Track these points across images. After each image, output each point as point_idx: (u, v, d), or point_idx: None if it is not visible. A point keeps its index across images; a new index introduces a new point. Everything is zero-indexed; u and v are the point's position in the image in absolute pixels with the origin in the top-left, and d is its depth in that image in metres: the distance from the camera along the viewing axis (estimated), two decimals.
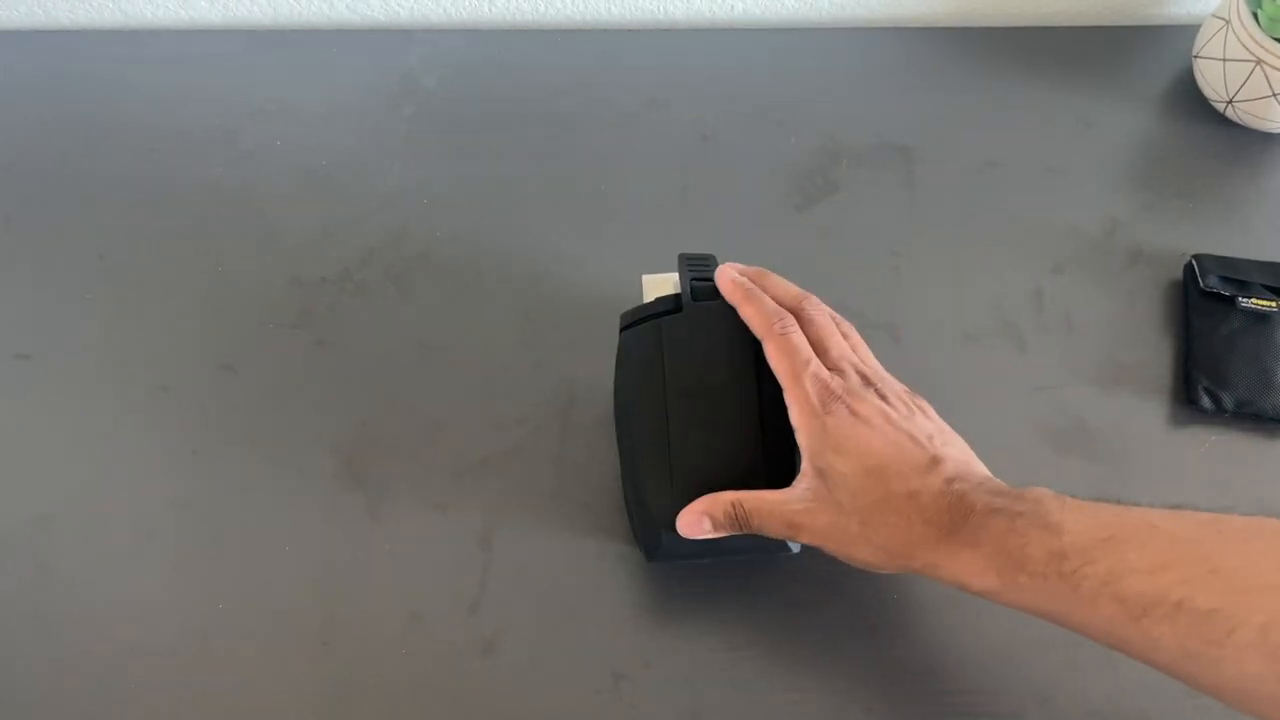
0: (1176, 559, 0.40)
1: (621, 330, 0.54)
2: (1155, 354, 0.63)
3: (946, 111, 0.72)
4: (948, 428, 0.50)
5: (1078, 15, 0.78)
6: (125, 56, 0.75)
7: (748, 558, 0.55)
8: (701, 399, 0.51)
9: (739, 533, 0.49)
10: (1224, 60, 0.67)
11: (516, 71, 0.74)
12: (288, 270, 0.66)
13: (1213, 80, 0.69)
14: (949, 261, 0.66)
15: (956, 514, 0.44)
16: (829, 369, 0.49)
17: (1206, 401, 0.60)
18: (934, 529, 0.45)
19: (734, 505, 0.48)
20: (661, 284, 0.56)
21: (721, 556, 0.53)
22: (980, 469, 0.48)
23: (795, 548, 0.52)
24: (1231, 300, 0.62)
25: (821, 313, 0.52)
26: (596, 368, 0.58)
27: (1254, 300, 0.62)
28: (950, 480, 0.45)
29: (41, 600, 0.56)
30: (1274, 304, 0.62)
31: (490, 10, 0.77)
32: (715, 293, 0.53)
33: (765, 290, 0.52)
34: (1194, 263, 0.63)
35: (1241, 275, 0.63)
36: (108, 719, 0.53)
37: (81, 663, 0.54)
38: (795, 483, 0.48)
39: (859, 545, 0.46)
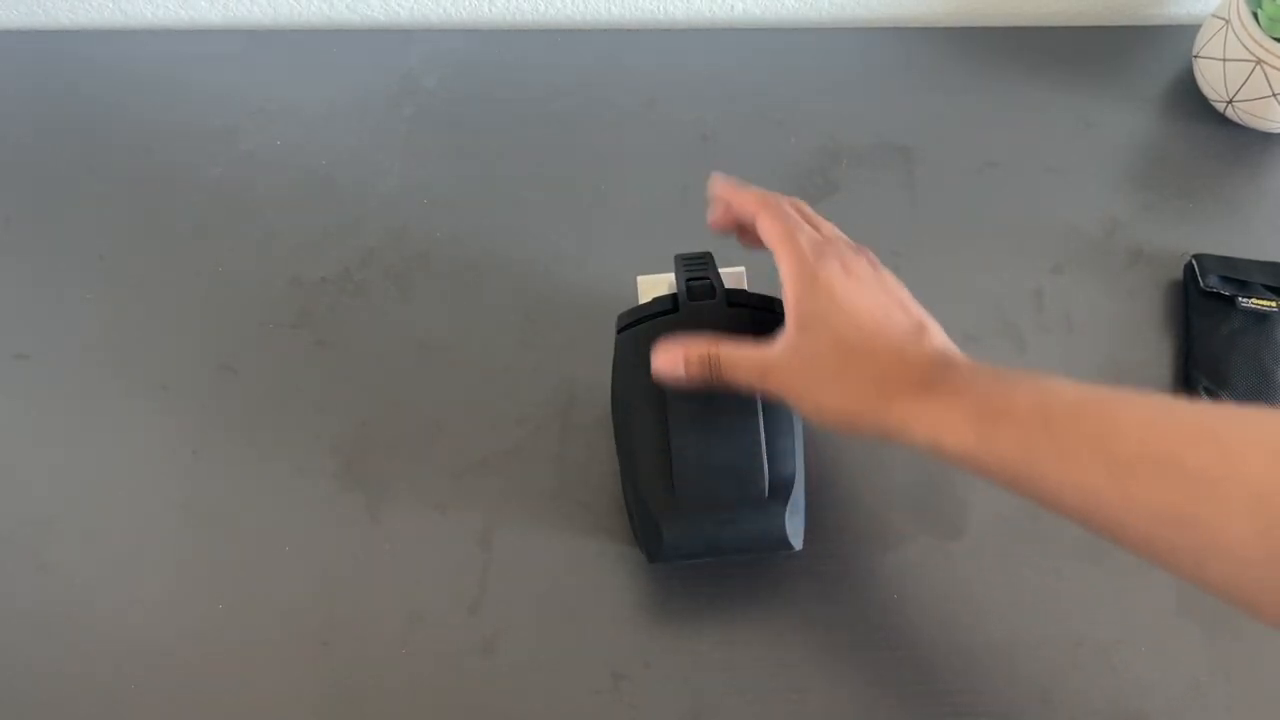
0: (1171, 422, 0.38)
1: (618, 332, 0.54)
2: (1155, 354, 0.63)
3: (946, 111, 0.72)
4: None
5: (1078, 15, 0.78)
6: (125, 56, 0.75)
7: (749, 558, 0.55)
8: (700, 399, 0.51)
9: (709, 379, 0.47)
10: (1224, 60, 0.67)
11: (516, 71, 0.74)
12: (288, 270, 0.66)
13: (1213, 80, 0.69)
14: (949, 261, 0.66)
15: (940, 371, 0.43)
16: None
17: (1206, 401, 0.60)
18: (914, 381, 0.43)
19: (709, 355, 0.47)
20: (656, 285, 0.56)
21: (723, 556, 0.53)
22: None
23: (797, 545, 0.52)
24: (1232, 300, 0.62)
25: (804, 208, 0.51)
26: (596, 368, 0.58)
27: (1254, 300, 0.62)
28: (935, 346, 0.45)
29: (41, 600, 0.56)
30: (1274, 304, 0.62)
31: (490, 10, 0.77)
32: (712, 292, 0.53)
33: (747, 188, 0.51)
34: (1194, 263, 0.63)
35: (1242, 275, 0.63)
36: (108, 719, 0.53)
37: (82, 663, 0.54)
38: (775, 336, 0.47)
39: (830, 390, 0.45)
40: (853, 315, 0.45)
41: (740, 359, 0.47)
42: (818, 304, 0.45)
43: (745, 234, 0.51)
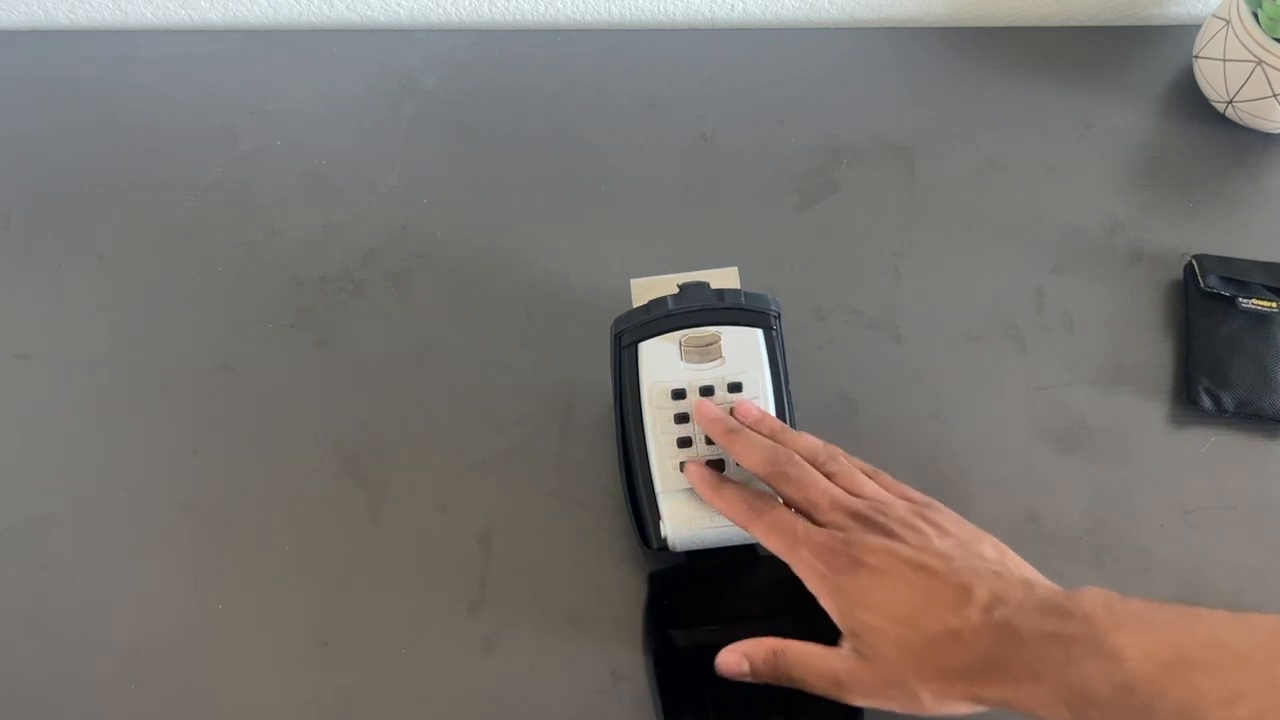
0: (1251, 688, 0.38)
1: (618, 342, 0.53)
2: (1155, 354, 0.63)
3: (946, 111, 0.72)
4: (968, 529, 0.47)
5: (1078, 15, 0.78)
6: (125, 56, 0.75)
7: (748, 555, 0.55)
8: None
9: (775, 681, 0.47)
10: (1224, 60, 0.67)
11: (516, 71, 0.74)
12: (288, 270, 0.66)
13: (1213, 80, 0.69)
14: (949, 261, 0.66)
15: (1005, 648, 0.42)
16: (822, 522, 0.47)
17: (1206, 401, 0.60)
18: (988, 665, 0.42)
19: (775, 653, 0.47)
20: (650, 288, 0.56)
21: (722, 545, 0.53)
22: (1015, 572, 0.45)
23: None
24: (1232, 300, 0.62)
25: (797, 465, 0.48)
26: (596, 368, 0.58)
27: (1254, 300, 0.62)
28: (986, 610, 0.43)
29: (41, 600, 0.56)
30: (1274, 304, 0.62)
31: (490, 10, 0.77)
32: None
33: (741, 447, 0.49)
34: (1194, 263, 0.63)
35: (1242, 275, 0.63)
36: (108, 719, 0.53)
37: (81, 663, 0.54)
38: (840, 642, 0.46)
39: (917, 693, 0.44)
40: (891, 610, 0.44)
41: (809, 665, 0.46)
42: (857, 613, 0.44)
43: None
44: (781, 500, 0.49)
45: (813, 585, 0.46)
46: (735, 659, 0.47)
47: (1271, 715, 0.38)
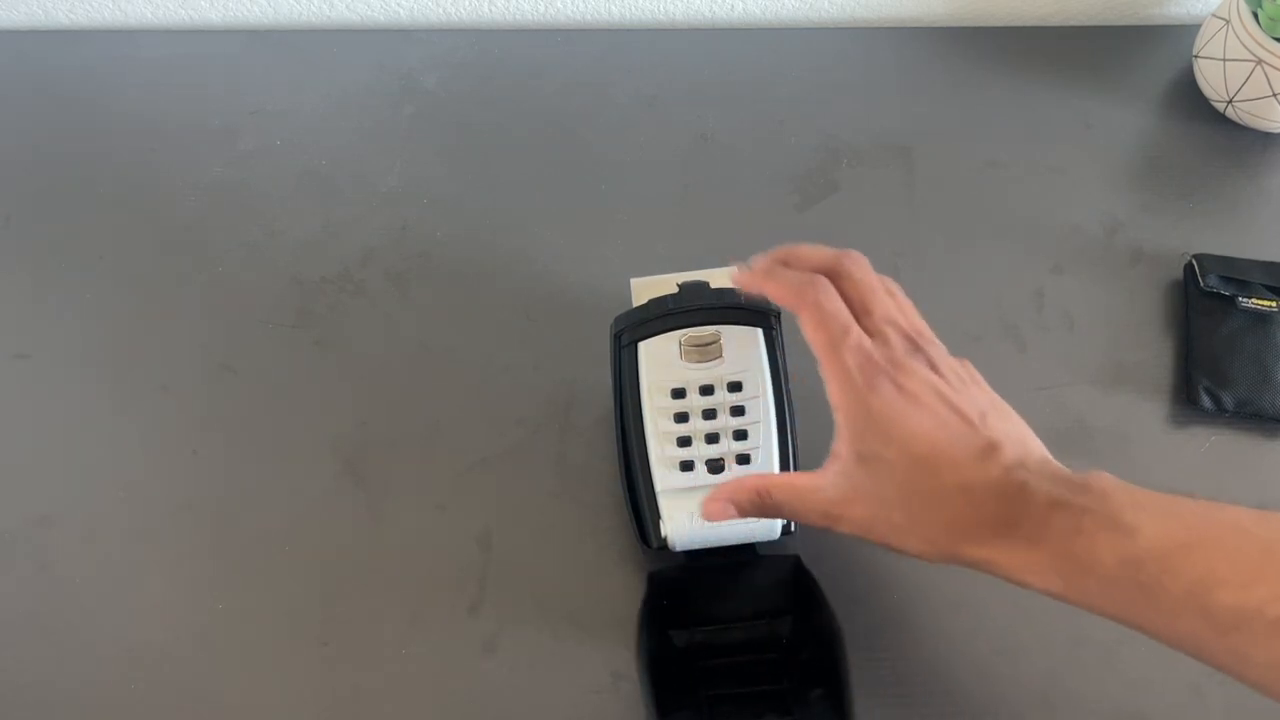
0: (1273, 573, 0.36)
1: (618, 341, 0.53)
2: (1155, 354, 0.63)
3: (946, 111, 0.72)
4: (1000, 400, 0.46)
5: (1078, 15, 0.78)
6: (125, 56, 0.75)
7: (747, 555, 0.55)
8: None
9: (765, 514, 0.47)
10: (1224, 60, 0.67)
11: (516, 71, 0.74)
12: (288, 270, 0.66)
13: (1213, 80, 0.69)
14: (949, 261, 0.66)
15: (1014, 507, 0.40)
16: (871, 333, 0.44)
17: (1207, 401, 0.60)
18: (988, 524, 0.41)
19: (760, 493, 0.45)
20: (650, 287, 0.56)
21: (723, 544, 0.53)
22: (1038, 448, 0.44)
23: (792, 527, 0.52)
24: (1232, 300, 0.62)
25: (861, 266, 0.46)
26: (596, 368, 0.58)
27: (1254, 300, 0.62)
28: (1008, 469, 0.41)
29: (41, 600, 0.56)
30: (1274, 304, 0.62)
31: (490, 10, 0.77)
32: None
33: (797, 260, 0.47)
34: (1194, 262, 0.63)
35: (1242, 275, 0.63)
36: (108, 719, 0.53)
37: (82, 663, 0.54)
38: (828, 464, 0.44)
39: (904, 537, 0.43)
40: (911, 446, 0.42)
41: (799, 499, 0.45)
42: (874, 438, 0.42)
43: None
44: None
45: (837, 394, 0.43)
46: (720, 507, 0.46)
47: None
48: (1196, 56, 0.71)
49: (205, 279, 0.65)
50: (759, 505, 0.46)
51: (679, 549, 0.52)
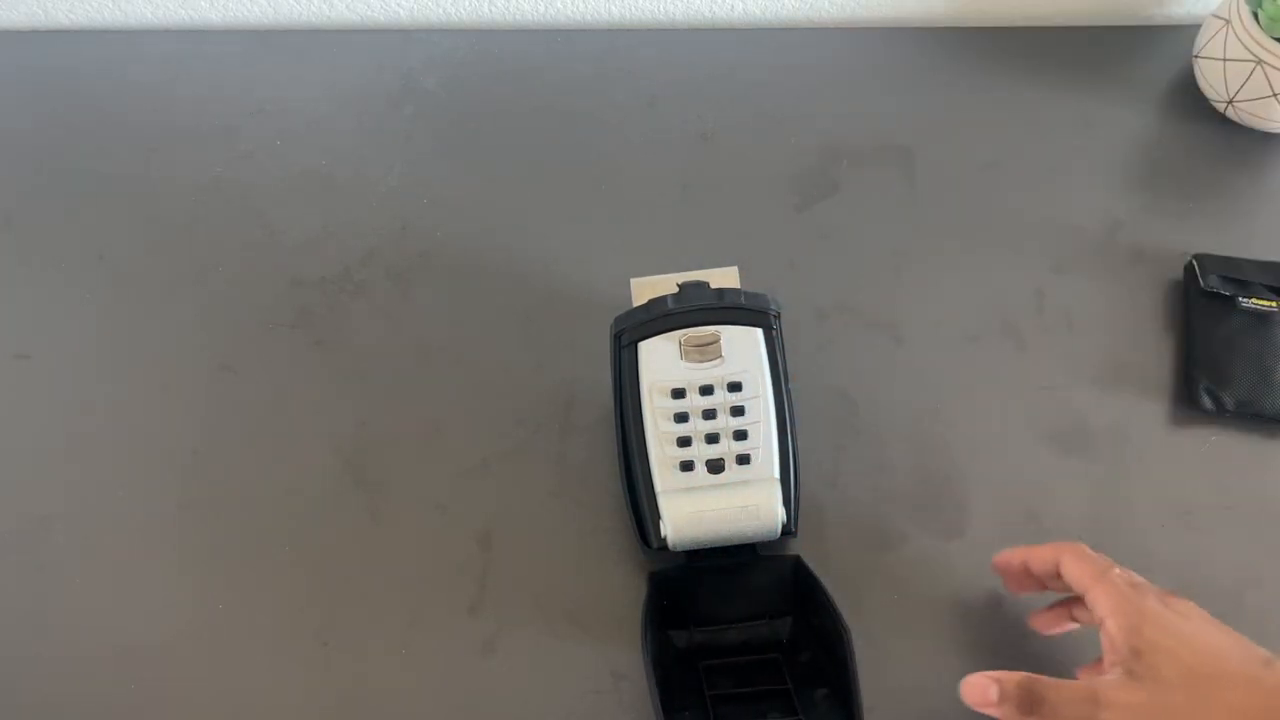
0: None
1: (618, 341, 0.53)
2: (1155, 354, 0.63)
3: (946, 111, 0.72)
4: None
5: (1078, 15, 0.78)
6: (125, 56, 0.75)
7: (747, 555, 0.55)
8: None
9: (1026, 716, 0.44)
10: (1224, 60, 0.67)
11: (516, 71, 0.74)
12: (288, 270, 0.66)
13: (1213, 80, 0.69)
14: (949, 261, 0.66)
15: None
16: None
17: (1207, 401, 0.60)
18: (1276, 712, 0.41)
19: (1025, 685, 0.44)
20: (650, 287, 0.56)
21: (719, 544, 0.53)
22: None
23: (794, 527, 0.52)
24: (1232, 300, 0.62)
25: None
26: (596, 368, 0.58)
27: (1254, 300, 0.62)
28: None
29: (41, 600, 0.56)
30: (1274, 304, 0.62)
31: (490, 10, 0.77)
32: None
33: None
34: (1194, 263, 0.63)
35: (1242, 275, 0.63)
36: (108, 719, 0.53)
37: (81, 663, 0.54)
38: (1102, 668, 0.44)
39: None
40: (1193, 642, 0.43)
41: (1067, 691, 0.43)
42: (1152, 633, 0.43)
43: (1024, 581, 0.49)
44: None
45: (1109, 604, 0.45)
46: (982, 685, 0.45)
47: None
48: (1196, 56, 0.71)
49: (205, 279, 0.65)
50: (1026, 695, 0.44)
51: (678, 549, 0.52)
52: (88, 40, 0.77)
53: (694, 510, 0.51)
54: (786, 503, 0.52)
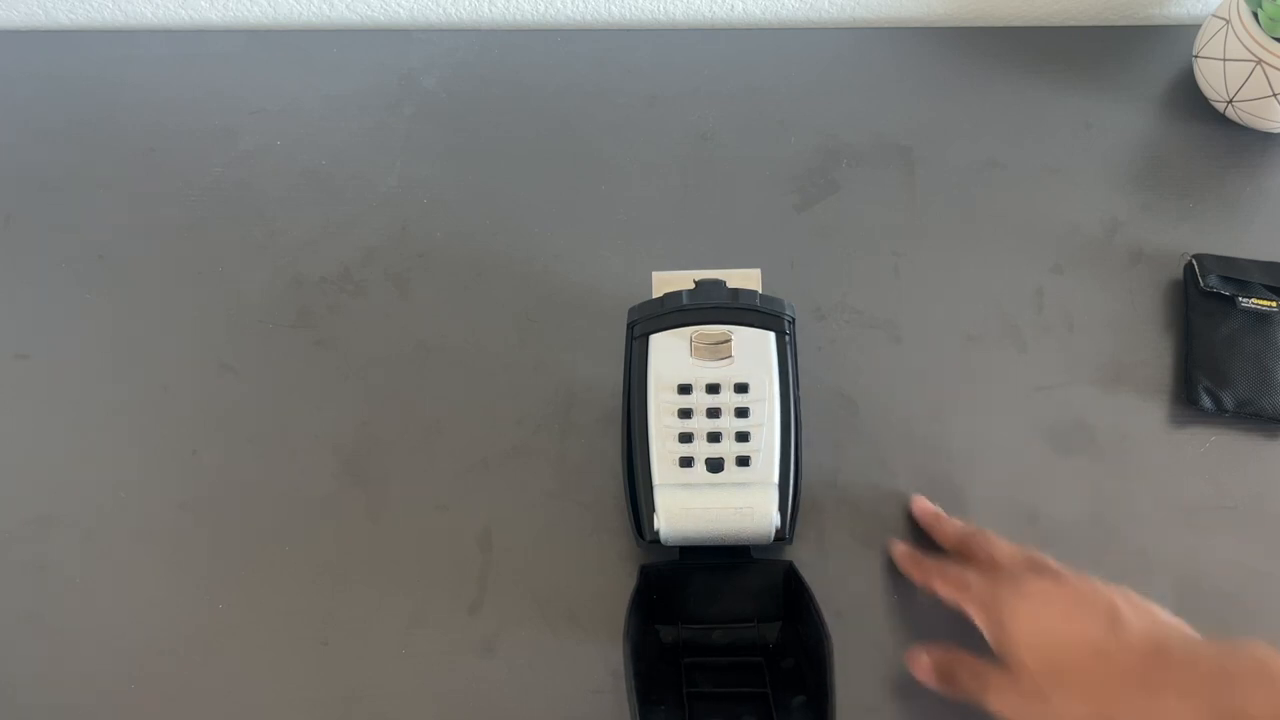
0: None
1: (631, 332, 0.53)
2: (1155, 354, 0.63)
3: (946, 111, 0.72)
4: (1128, 589, 0.49)
5: (1078, 15, 0.78)
6: (125, 56, 0.75)
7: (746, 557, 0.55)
8: None
9: (945, 689, 0.51)
10: (1224, 60, 0.67)
11: (516, 71, 0.74)
12: (288, 270, 0.66)
13: (1213, 80, 0.69)
14: (949, 261, 0.66)
15: (1154, 666, 0.44)
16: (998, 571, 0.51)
17: (1206, 401, 0.60)
18: (1131, 681, 0.44)
19: (944, 660, 0.51)
20: (671, 281, 0.56)
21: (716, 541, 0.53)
22: (1170, 617, 0.47)
23: (787, 533, 0.52)
24: (1232, 300, 0.62)
25: (988, 539, 0.53)
26: (596, 368, 0.58)
27: (1254, 300, 0.62)
28: (1140, 633, 0.45)
29: (41, 600, 0.56)
30: (1274, 304, 0.62)
31: (490, 10, 0.77)
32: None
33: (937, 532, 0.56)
34: (1194, 262, 0.63)
35: (1242, 275, 0.63)
36: (108, 719, 0.53)
37: (81, 662, 0.54)
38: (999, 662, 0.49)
39: (1054, 707, 0.46)
40: (1044, 635, 0.47)
41: (969, 672, 0.50)
42: (1012, 628, 0.48)
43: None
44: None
45: (977, 619, 0.50)
46: (922, 666, 0.52)
47: None
48: (1196, 56, 0.71)
49: (205, 279, 0.65)
50: (946, 667, 0.51)
51: (670, 544, 0.52)
52: (88, 40, 0.77)
53: (688, 506, 0.51)
54: (783, 509, 0.52)
